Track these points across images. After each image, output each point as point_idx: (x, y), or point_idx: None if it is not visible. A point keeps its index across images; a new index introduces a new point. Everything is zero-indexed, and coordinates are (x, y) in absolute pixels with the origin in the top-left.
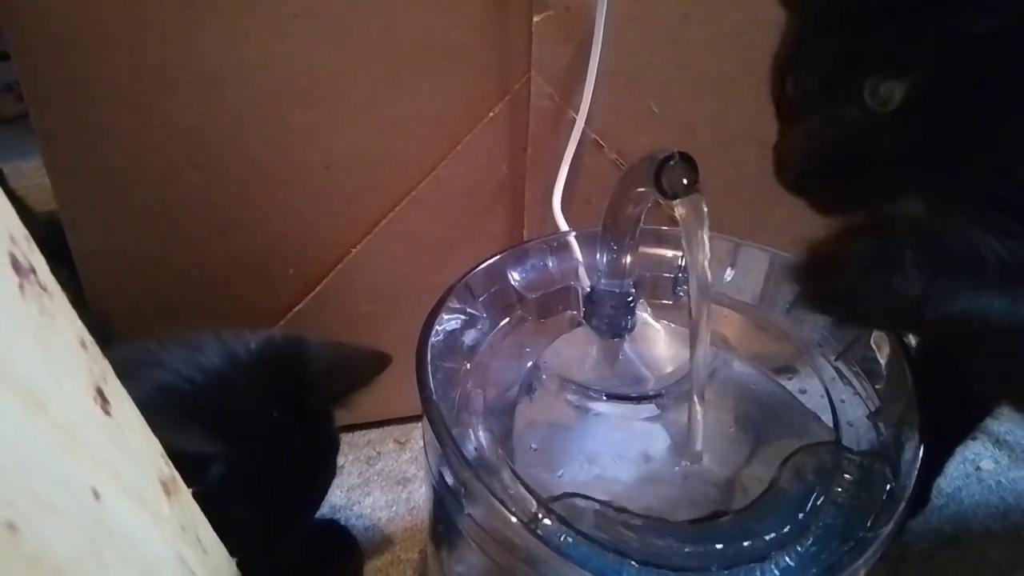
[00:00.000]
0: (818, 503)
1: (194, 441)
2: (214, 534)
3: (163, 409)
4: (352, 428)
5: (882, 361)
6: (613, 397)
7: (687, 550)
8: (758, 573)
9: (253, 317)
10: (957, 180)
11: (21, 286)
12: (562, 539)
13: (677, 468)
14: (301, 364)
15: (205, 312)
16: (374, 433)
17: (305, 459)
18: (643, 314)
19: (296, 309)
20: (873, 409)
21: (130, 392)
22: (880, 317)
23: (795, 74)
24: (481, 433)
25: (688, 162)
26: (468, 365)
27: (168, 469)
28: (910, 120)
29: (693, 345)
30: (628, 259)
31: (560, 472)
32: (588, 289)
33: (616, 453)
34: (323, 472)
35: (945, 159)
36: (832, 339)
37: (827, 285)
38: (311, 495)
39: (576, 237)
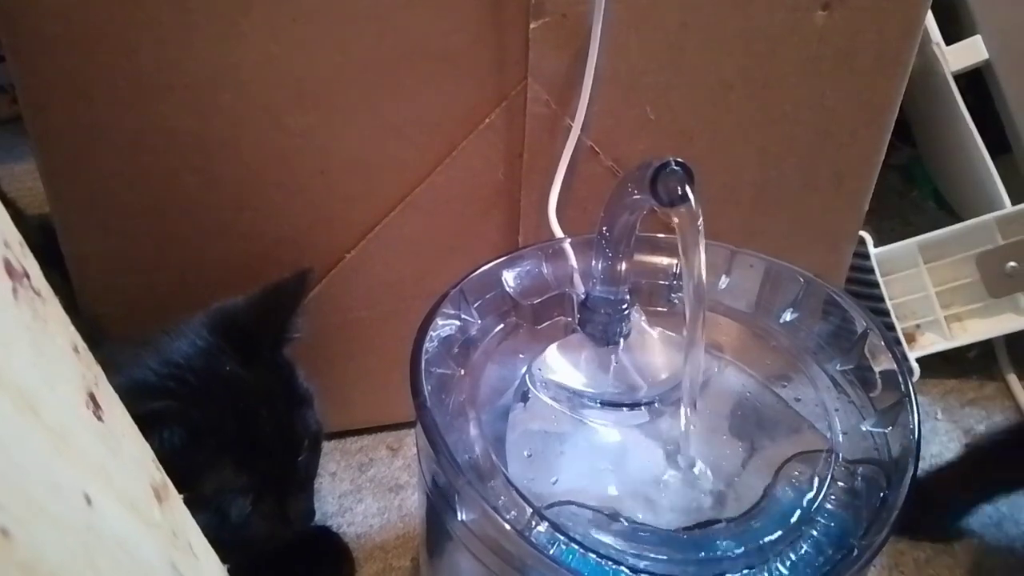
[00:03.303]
0: (812, 511)
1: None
2: (205, 540)
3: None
4: (345, 434)
5: (877, 369)
6: (607, 404)
7: (680, 558)
8: None
9: None
10: None
11: (14, 290)
12: (555, 546)
13: (671, 476)
14: (237, 315)
15: None
16: (367, 439)
17: (279, 406)
18: (638, 321)
19: None
20: (867, 417)
21: None
22: None
23: None
24: (475, 440)
25: (684, 170)
26: (462, 371)
27: (160, 475)
28: None
29: (688, 352)
30: (623, 266)
31: (554, 479)
32: (583, 296)
33: (610, 460)
34: (304, 419)
35: None
36: (827, 347)
37: None
38: (299, 442)
39: (571, 244)
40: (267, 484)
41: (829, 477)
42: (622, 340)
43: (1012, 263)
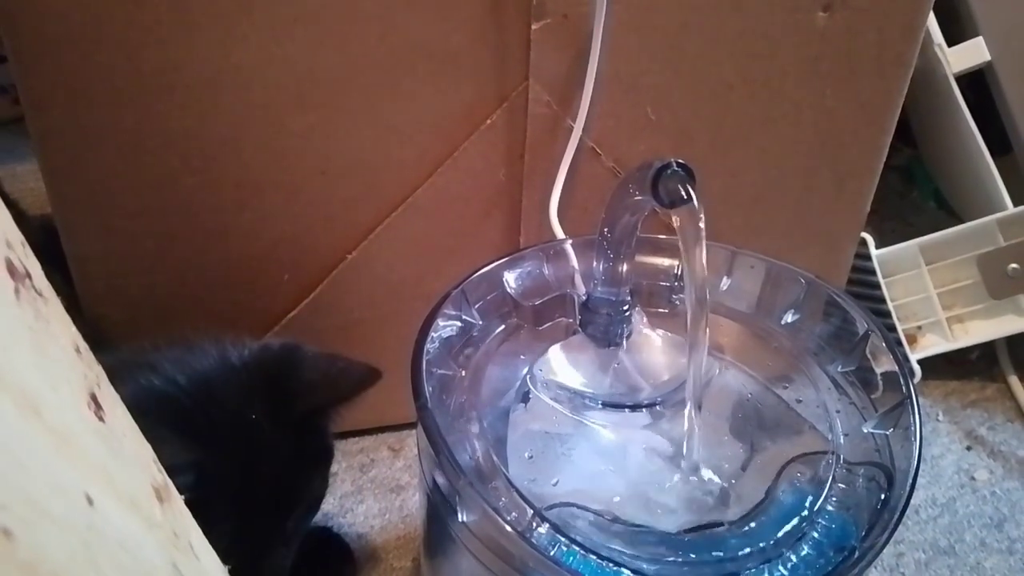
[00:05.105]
0: (813, 513)
1: (168, 449)
2: (206, 541)
3: (143, 413)
4: (346, 435)
5: (878, 371)
6: (608, 406)
7: (682, 560)
8: None
9: (248, 322)
10: None
11: (16, 291)
12: (556, 548)
13: (672, 478)
14: (293, 372)
15: (200, 317)
16: (368, 440)
17: (291, 466)
18: (639, 323)
19: (291, 315)
20: (869, 419)
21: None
22: None
23: None
24: (476, 441)
25: (685, 171)
26: (463, 372)
27: (161, 475)
28: None
29: (691, 354)
30: (624, 267)
31: (555, 481)
32: (584, 297)
33: (611, 462)
34: (311, 481)
35: None
36: (828, 349)
37: None
38: (298, 503)
39: (572, 245)
40: (249, 540)
41: (830, 479)
42: (623, 341)
43: (1014, 265)
